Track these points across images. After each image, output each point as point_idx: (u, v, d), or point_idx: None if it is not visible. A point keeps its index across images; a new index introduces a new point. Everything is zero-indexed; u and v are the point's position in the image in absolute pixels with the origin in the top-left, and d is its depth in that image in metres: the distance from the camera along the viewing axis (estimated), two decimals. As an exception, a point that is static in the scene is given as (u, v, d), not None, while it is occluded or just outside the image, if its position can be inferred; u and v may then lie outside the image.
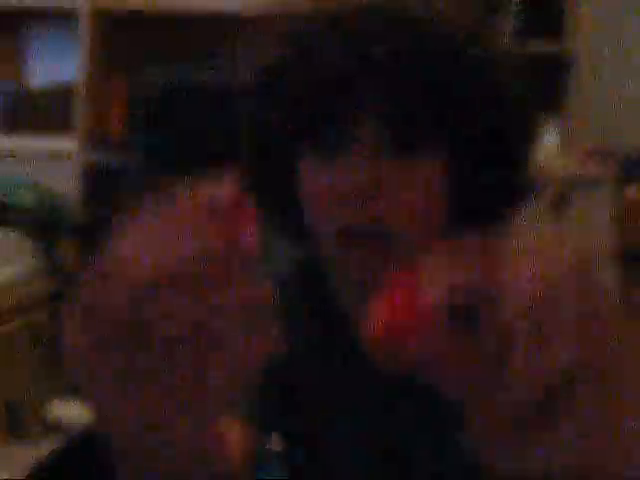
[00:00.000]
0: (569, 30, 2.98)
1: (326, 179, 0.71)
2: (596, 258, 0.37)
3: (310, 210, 0.73)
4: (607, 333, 0.37)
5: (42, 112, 3.09)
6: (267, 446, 0.87)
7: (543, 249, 0.38)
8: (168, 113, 2.50)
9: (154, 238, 0.37)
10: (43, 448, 2.11)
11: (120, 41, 3.06)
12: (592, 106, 2.89)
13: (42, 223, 2.63)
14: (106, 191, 3.13)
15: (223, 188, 0.39)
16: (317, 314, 0.83)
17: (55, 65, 3.08)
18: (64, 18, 2.94)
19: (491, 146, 0.72)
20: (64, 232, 2.69)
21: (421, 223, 0.70)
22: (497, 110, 0.71)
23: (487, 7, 0.73)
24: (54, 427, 2.25)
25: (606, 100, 2.98)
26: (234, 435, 0.75)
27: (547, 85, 2.93)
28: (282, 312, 0.57)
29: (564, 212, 2.11)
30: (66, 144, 2.85)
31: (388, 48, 0.66)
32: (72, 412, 2.30)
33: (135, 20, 2.99)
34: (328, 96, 0.68)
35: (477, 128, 0.70)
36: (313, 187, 0.72)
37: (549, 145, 2.82)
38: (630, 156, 2.42)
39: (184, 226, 0.37)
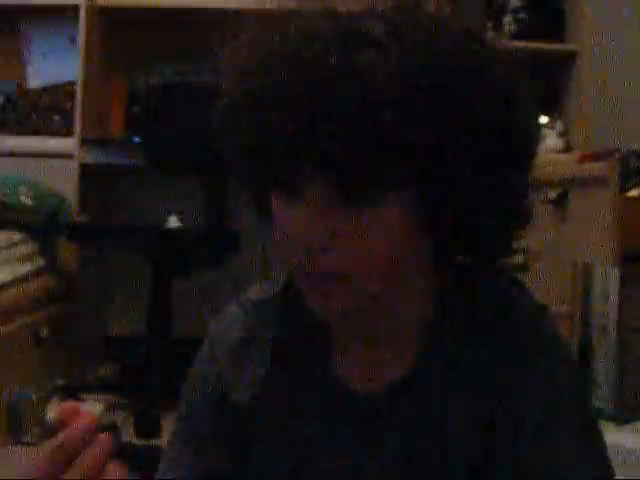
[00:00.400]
0: (570, 30, 2.98)
1: (283, 222, 0.71)
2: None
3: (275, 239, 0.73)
4: None
5: (42, 112, 3.09)
6: None
7: None
8: (168, 113, 2.50)
9: None
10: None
11: (120, 41, 3.06)
12: (592, 106, 2.89)
13: (42, 223, 2.63)
14: (106, 191, 3.13)
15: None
16: (298, 325, 0.83)
17: (55, 65, 3.08)
18: (64, 18, 2.94)
19: (492, 147, 0.71)
20: (64, 232, 2.69)
21: (379, 266, 0.70)
22: (498, 111, 0.71)
23: (488, 7, 0.73)
24: (54, 427, 2.25)
25: (606, 100, 2.98)
26: None
27: (547, 85, 2.93)
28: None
29: (564, 212, 2.11)
30: (66, 144, 2.85)
31: (388, 46, 0.66)
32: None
33: (135, 20, 2.99)
34: (327, 95, 0.67)
35: (478, 130, 0.70)
36: (278, 221, 0.72)
37: (549, 145, 2.82)
38: (630, 156, 2.43)
39: None
